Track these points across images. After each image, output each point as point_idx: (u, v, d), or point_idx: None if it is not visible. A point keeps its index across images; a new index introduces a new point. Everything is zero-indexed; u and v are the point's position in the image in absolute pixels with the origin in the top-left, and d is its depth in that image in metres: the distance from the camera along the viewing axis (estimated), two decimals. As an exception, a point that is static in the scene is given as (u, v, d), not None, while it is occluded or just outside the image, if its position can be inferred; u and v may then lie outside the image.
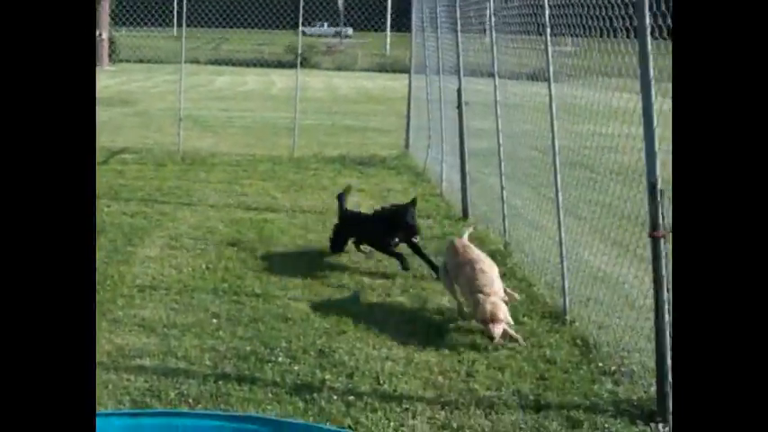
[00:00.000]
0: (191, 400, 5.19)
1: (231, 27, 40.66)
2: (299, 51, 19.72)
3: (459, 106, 10.94)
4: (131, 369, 5.67)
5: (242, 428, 4.22)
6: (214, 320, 6.66)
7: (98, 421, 4.20)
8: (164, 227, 9.90)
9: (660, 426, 5.03)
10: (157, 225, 9.97)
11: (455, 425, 5.00)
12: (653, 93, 5.08)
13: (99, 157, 15.28)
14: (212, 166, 14.86)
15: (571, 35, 7.43)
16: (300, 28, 18.73)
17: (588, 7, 6.52)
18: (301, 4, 17.62)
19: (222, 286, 7.55)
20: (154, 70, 47.15)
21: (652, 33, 5.05)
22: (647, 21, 5.02)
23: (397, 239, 8.34)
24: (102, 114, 23.52)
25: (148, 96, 32.18)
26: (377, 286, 7.71)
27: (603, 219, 6.96)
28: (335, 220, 9.12)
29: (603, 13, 6.21)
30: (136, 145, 17.20)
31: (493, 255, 8.11)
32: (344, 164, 15.55)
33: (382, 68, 51.04)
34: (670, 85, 5.34)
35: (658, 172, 5.06)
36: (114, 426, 4.17)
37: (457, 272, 6.80)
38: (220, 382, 5.47)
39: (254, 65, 46.12)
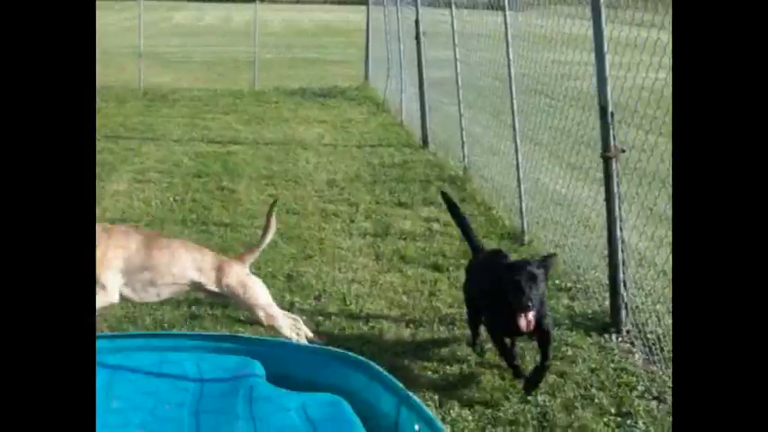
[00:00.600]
0: (165, 325, 5.39)
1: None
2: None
3: (418, 36, 11.07)
4: (107, 298, 5.85)
5: (218, 347, 4.43)
6: (183, 250, 6.83)
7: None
8: (130, 162, 10.02)
9: (613, 336, 5.30)
10: (124, 160, 10.09)
11: (420, 340, 5.25)
12: (603, 19, 5.26)
13: (59, 95, 15.29)
14: (174, 102, 14.93)
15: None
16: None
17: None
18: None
19: (190, 217, 7.72)
20: (108, 8, 46.46)
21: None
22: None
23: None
24: (59, 52, 23.37)
25: (105, 34, 31.80)
26: (341, 213, 7.92)
27: (560, 143, 7.17)
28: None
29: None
30: (96, 82, 17.14)
31: (452, 180, 8.37)
32: (305, 96, 15.68)
33: (342, 0, 50.61)
34: (619, 12, 5.56)
35: (609, 95, 5.26)
36: (96, 347, 4.37)
37: None
38: (193, 308, 5.67)
39: (212, 0, 45.55)
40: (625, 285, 5.38)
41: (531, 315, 4.35)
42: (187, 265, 4.82)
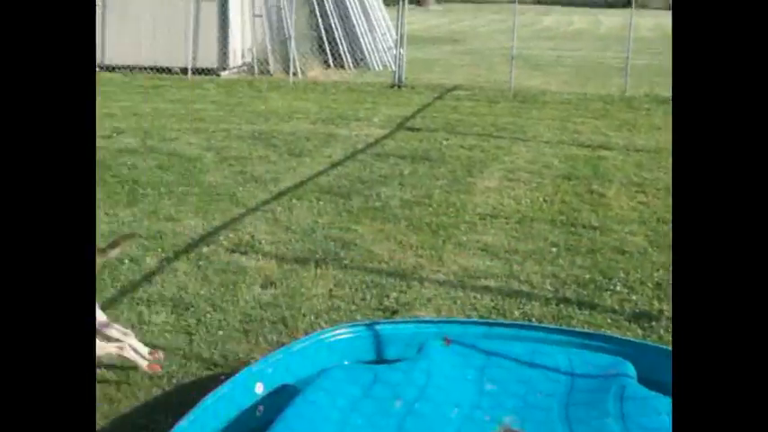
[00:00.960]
0: (533, 319, 5.52)
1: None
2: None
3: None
4: (477, 288, 6.08)
5: (588, 344, 4.50)
6: (553, 249, 6.94)
7: (455, 327, 4.66)
8: (500, 160, 10.29)
9: None
10: (494, 158, 10.39)
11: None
12: None
13: (435, 93, 15.98)
14: (543, 104, 15.13)
15: None
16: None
17: None
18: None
19: (559, 218, 7.82)
20: (478, 10, 47.90)
21: None
22: None
23: None
24: (432, 52, 24.41)
25: (477, 35, 32.85)
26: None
27: None
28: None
29: None
30: (468, 82, 17.76)
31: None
32: (677, 104, 15.33)
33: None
34: None
35: None
36: (471, 332, 4.59)
37: None
38: (561, 306, 5.76)
39: (582, 5, 45.64)
40: None
41: None
42: None
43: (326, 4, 19.47)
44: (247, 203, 8.15)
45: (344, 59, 19.60)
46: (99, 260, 4.47)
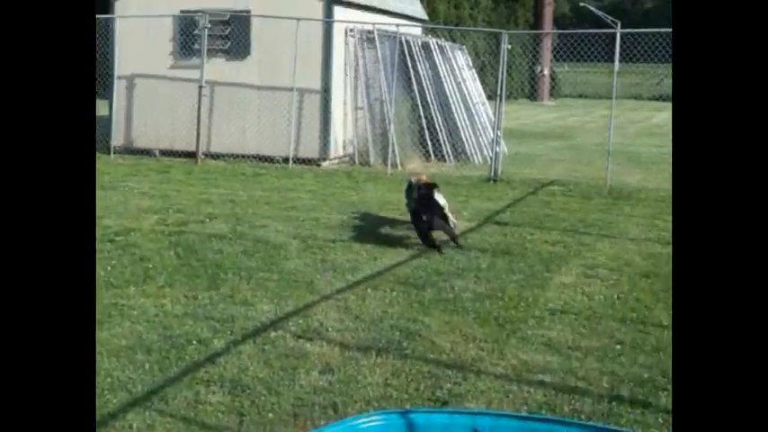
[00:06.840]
0: (583, 416, 5.50)
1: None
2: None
3: None
4: (532, 383, 6.08)
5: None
6: (617, 346, 6.89)
7: (487, 420, 4.68)
8: (582, 256, 10.27)
9: None
10: (576, 254, 10.37)
11: None
12: None
13: (529, 188, 16.03)
14: (637, 201, 15.03)
15: None
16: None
17: None
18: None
19: (630, 315, 7.76)
20: (593, 105, 47.86)
21: None
22: None
23: None
24: (536, 147, 24.48)
25: (584, 131, 32.84)
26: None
27: None
28: None
29: None
30: (565, 178, 17.74)
31: None
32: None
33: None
34: None
35: None
36: (503, 425, 4.61)
37: None
38: (614, 403, 5.73)
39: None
40: None
41: None
42: None
43: (428, 97, 19.81)
44: (323, 291, 8.33)
45: (445, 153, 19.82)
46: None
